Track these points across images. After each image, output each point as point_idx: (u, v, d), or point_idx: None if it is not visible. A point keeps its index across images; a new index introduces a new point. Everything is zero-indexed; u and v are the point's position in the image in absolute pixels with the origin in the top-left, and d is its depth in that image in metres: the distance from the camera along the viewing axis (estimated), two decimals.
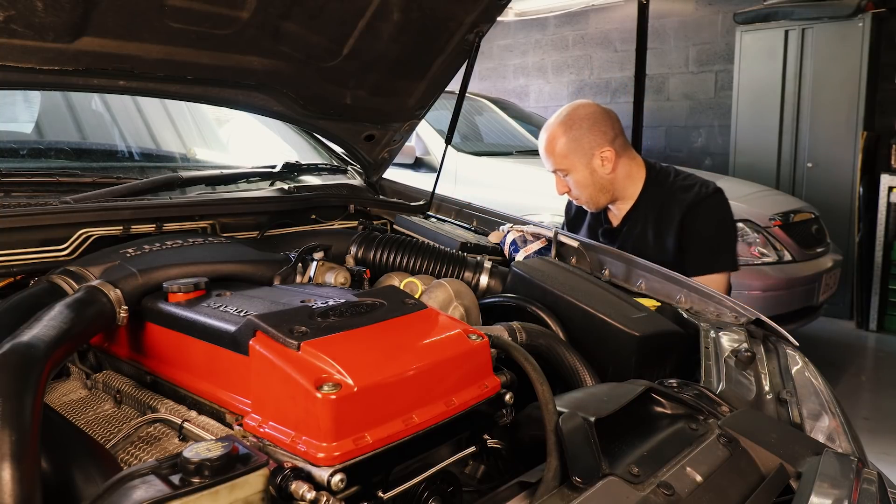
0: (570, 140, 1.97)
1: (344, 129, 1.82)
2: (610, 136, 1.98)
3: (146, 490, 0.58)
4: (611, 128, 2.00)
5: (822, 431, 1.09)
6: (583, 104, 2.05)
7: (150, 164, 1.87)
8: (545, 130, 2.04)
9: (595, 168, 1.98)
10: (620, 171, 2.00)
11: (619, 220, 2.09)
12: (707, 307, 1.38)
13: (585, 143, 1.97)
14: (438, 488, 0.80)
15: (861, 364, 4.55)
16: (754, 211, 3.82)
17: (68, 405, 1.03)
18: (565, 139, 1.98)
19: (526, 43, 7.51)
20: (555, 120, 2.03)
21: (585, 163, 1.98)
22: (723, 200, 2.01)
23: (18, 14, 1.06)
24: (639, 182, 2.03)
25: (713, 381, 1.10)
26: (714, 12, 6.21)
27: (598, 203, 2.06)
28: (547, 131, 2.03)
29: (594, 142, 1.97)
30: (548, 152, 2.02)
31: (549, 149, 2.02)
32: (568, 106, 2.05)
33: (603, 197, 2.04)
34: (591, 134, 1.97)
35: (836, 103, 5.18)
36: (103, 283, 0.99)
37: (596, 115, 2.00)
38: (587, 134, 1.97)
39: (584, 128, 1.97)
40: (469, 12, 1.57)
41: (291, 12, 1.36)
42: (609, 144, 1.97)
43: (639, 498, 0.76)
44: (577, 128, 1.98)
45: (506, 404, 0.91)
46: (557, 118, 2.02)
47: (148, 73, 1.32)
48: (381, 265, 1.44)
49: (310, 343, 0.76)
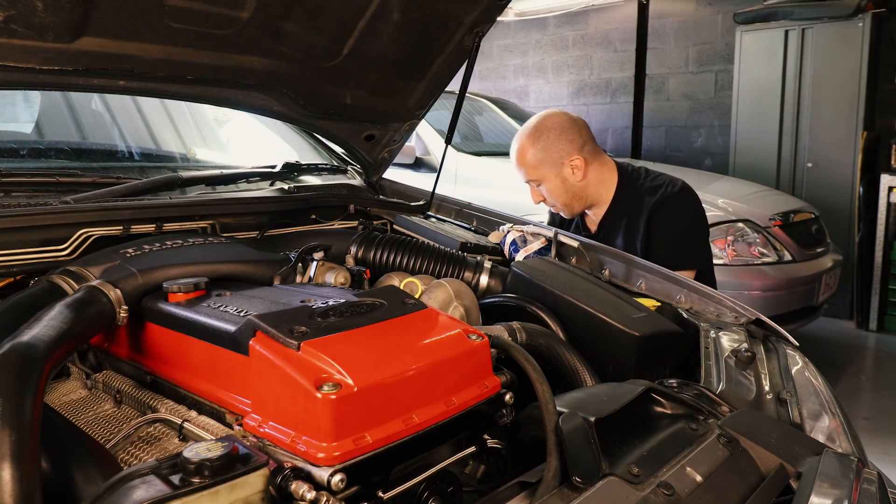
0: (539, 150, 1.99)
1: (344, 129, 1.82)
2: (578, 143, 1.99)
3: (146, 490, 0.58)
4: (578, 135, 2.00)
5: (822, 431, 1.09)
6: (550, 114, 2.06)
7: (150, 164, 1.87)
8: (515, 142, 2.05)
9: (566, 177, 2.00)
10: (592, 177, 2.02)
11: (595, 225, 2.11)
12: (707, 307, 1.38)
13: (554, 152, 1.98)
14: (438, 488, 0.80)
15: (861, 364, 4.55)
16: (754, 211, 3.82)
17: (68, 405, 1.03)
18: (534, 150, 1.99)
19: (526, 43, 7.51)
20: (523, 131, 2.04)
21: (556, 172, 2.00)
22: (688, 199, 2.01)
23: (18, 14, 1.06)
24: (611, 186, 2.05)
25: (713, 381, 1.10)
26: (714, 12, 6.21)
27: (573, 210, 2.08)
28: (517, 143, 2.04)
29: (563, 151, 1.98)
30: (519, 164, 2.04)
31: (519, 160, 2.03)
32: (536, 117, 2.07)
33: (577, 204, 2.06)
34: (559, 143, 1.98)
35: (836, 103, 5.18)
36: (103, 283, 0.99)
37: (563, 123, 2.01)
38: (555, 143, 1.98)
39: (551, 138, 1.99)
40: (469, 12, 1.57)
41: (291, 12, 1.36)
42: (578, 153, 1.99)
43: (639, 498, 0.76)
44: (545, 138, 1.99)
45: (506, 404, 0.91)
46: (526, 129, 2.03)
47: (148, 73, 1.32)
48: (381, 265, 1.44)
49: (310, 343, 0.76)
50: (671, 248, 1.94)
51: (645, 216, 1.96)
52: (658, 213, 1.95)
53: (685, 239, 1.98)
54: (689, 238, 2.00)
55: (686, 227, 1.99)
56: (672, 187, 1.99)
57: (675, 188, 1.99)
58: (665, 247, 1.94)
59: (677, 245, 1.96)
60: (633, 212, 2.00)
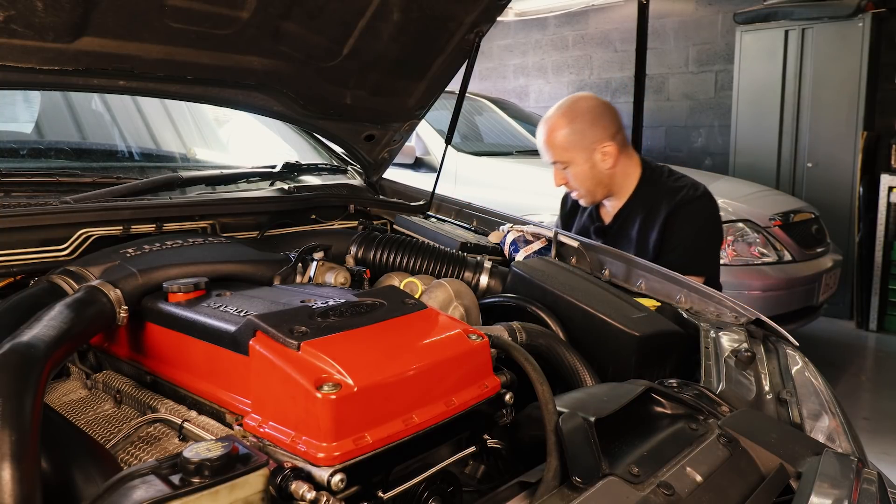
0: (572, 133, 1.95)
1: (344, 129, 1.82)
2: (611, 130, 1.97)
3: (146, 490, 0.58)
4: (612, 122, 1.98)
5: (822, 431, 1.09)
6: (584, 97, 2.03)
7: (150, 164, 1.87)
8: (545, 122, 2.01)
9: (595, 162, 1.97)
10: (619, 167, 1.99)
11: (611, 217, 2.08)
12: (707, 307, 1.38)
13: (587, 137, 1.95)
14: (438, 488, 0.80)
15: (861, 364, 4.55)
16: (754, 211, 3.82)
17: (68, 405, 1.03)
18: (567, 132, 1.95)
19: (526, 43, 7.51)
20: (556, 112, 2.00)
21: (586, 157, 1.96)
22: (709, 205, 2.00)
23: (18, 14, 1.06)
24: (634, 179, 2.02)
25: (713, 381, 1.10)
26: (714, 12, 6.21)
27: (594, 197, 2.05)
28: (547, 123, 2.00)
29: (596, 136, 1.95)
30: (548, 144, 2.00)
31: (549, 141, 1.99)
32: (569, 98, 2.03)
33: (600, 191, 2.03)
34: (593, 128, 1.95)
35: (836, 103, 5.18)
36: (103, 283, 0.99)
37: (598, 108, 1.98)
38: (590, 128, 1.95)
39: (586, 121, 1.95)
40: (469, 12, 1.57)
41: (291, 12, 1.36)
42: (610, 140, 1.96)
43: (639, 498, 0.76)
44: (580, 121, 1.95)
45: (506, 404, 0.91)
46: (558, 110, 1.99)
47: (148, 73, 1.32)
48: (381, 265, 1.44)
49: (310, 343, 0.76)
50: (686, 251, 1.92)
51: (664, 214, 1.94)
52: (678, 213, 1.94)
53: (701, 244, 1.97)
54: (704, 244, 1.99)
55: (703, 232, 1.98)
56: (694, 191, 1.98)
57: (696, 192, 1.98)
58: (681, 249, 1.92)
59: (693, 249, 1.94)
60: (652, 208, 1.97)
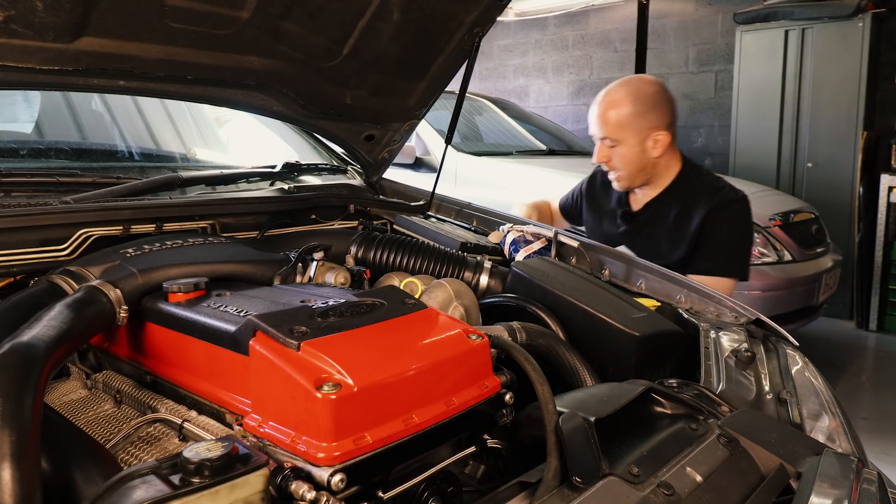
0: (632, 114, 1.92)
1: (344, 129, 1.82)
2: (668, 120, 1.96)
3: (146, 490, 0.58)
4: (670, 111, 1.97)
5: (822, 431, 1.09)
6: (650, 80, 2.01)
7: (150, 164, 1.87)
8: (606, 97, 1.98)
9: (646, 148, 1.95)
10: (664, 157, 1.98)
11: (641, 205, 2.06)
12: (707, 307, 1.38)
13: (645, 120, 1.93)
14: (438, 488, 0.80)
15: (861, 364, 4.55)
16: (754, 211, 3.78)
17: (68, 405, 1.03)
18: (627, 111, 1.93)
19: (526, 43, 7.51)
20: (619, 88, 1.97)
21: (638, 140, 1.94)
22: (747, 209, 2.00)
23: (18, 14, 1.06)
24: (673, 173, 2.02)
25: (713, 381, 1.10)
26: (714, 12, 6.21)
27: (632, 182, 2.02)
28: (607, 98, 1.97)
29: (653, 122, 1.93)
30: (602, 119, 1.96)
31: (605, 116, 1.96)
32: (634, 77, 2.01)
33: (640, 178, 2.01)
34: (653, 113, 1.93)
35: (836, 103, 5.18)
36: (103, 283, 0.99)
37: (661, 94, 1.97)
38: (650, 112, 1.93)
39: (648, 105, 1.93)
40: (469, 12, 1.57)
41: (291, 12, 1.36)
42: (666, 129, 1.95)
43: (639, 498, 0.76)
44: (642, 103, 1.93)
45: (506, 404, 0.91)
46: (623, 87, 1.96)
47: (148, 73, 1.32)
48: (381, 265, 1.44)
49: (310, 343, 0.76)
50: (723, 252, 1.92)
51: (704, 211, 1.92)
52: (720, 212, 1.93)
53: (737, 247, 1.97)
54: (740, 247, 1.99)
55: (743, 235, 1.98)
56: (734, 193, 1.98)
57: (737, 195, 1.98)
58: (720, 248, 1.92)
59: (730, 250, 1.94)
60: (691, 203, 1.96)
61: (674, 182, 2.01)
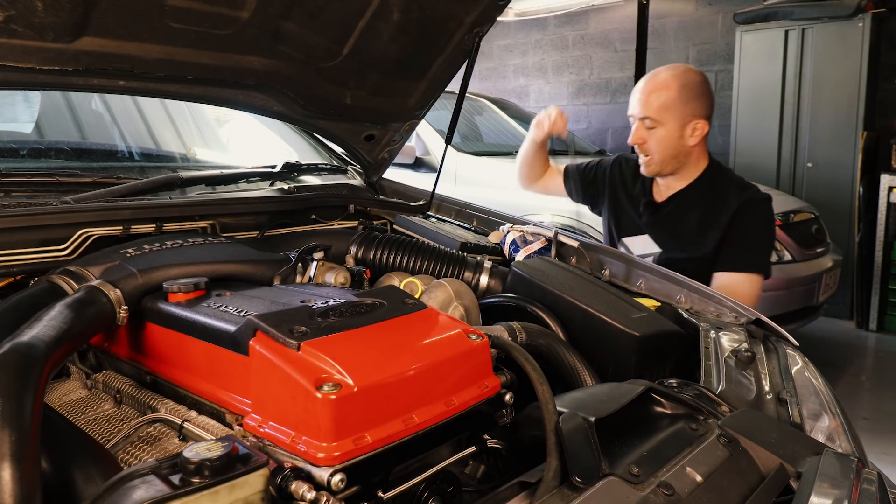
0: (676, 98, 1.95)
1: (344, 129, 1.82)
2: (708, 111, 1.99)
3: (146, 490, 0.58)
4: (711, 104, 2.00)
5: (822, 431, 1.09)
6: (696, 70, 2.05)
7: (150, 164, 1.87)
8: (654, 77, 2.00)
9: (684, 134, 1.97)
10: (697, 148, 2.00)
11: (664, 197, 2.07)
12: (707, 307, 1.38)
13: (689, 107, 1.95)
14: (438, 488, 0.80)
15: (861, 364, 4.55)
16: None
17: (68, 405, 1.03)
18: (672, 94, 1.95)
19: (526, 43, 7.51)
20: (668, 72, 1.99)
21: (679, 125, 1.96)
22: (772, 209, 2.02)
23: (18, 14, 1.06)
24: (701, 167, 2.04)
25: (713, 381, 1.10)
26: (714, 12, 6.22)
27: (662, 168, 2.03)
28: (655, 79, 1.99)
29: (695, 109, 1.96)
30: (647, 98, 1.97)
31: (650, 96, 1.97)
32: (681, 65, 2.05)
33: (672, 165, 2.02)
34: (697, 101, 1.96)
35: (836, 103, 5.18)
36: (103, 283, 0.99)
37: (706, 85, 2.00)
38: (694, 99, 1.96)
39: (694, 92, 1.96)
40: (469, 12, 1.57)
41: (291, 12, 1.36)
42: (705, 119, 1.98)
43: (639, 498, 0.76)
44: (688, 90, 1.96)
45: (506, 404, 0.91)
46: (671, 71, 2.00)
47: (148, 73, 1.32)
48: (381, 265, 1.44)
49: (310, 343, 0.76)
50: (753, 248, 1.94)
51: (734, 206, 1.94)
52: (750, 209, 1.95)
53: (764, 244, 2.00)
54: (766, 245, 2.02)
55: (768, 234, 2.01)
56: (761, 193, 2.00)
57: (764, 195, 2.00)
58: (749, 245, 1.93)
59: (759, 247, 1.96)
60: (720, 198, 1.98)
61: (701, 176, 2.03)
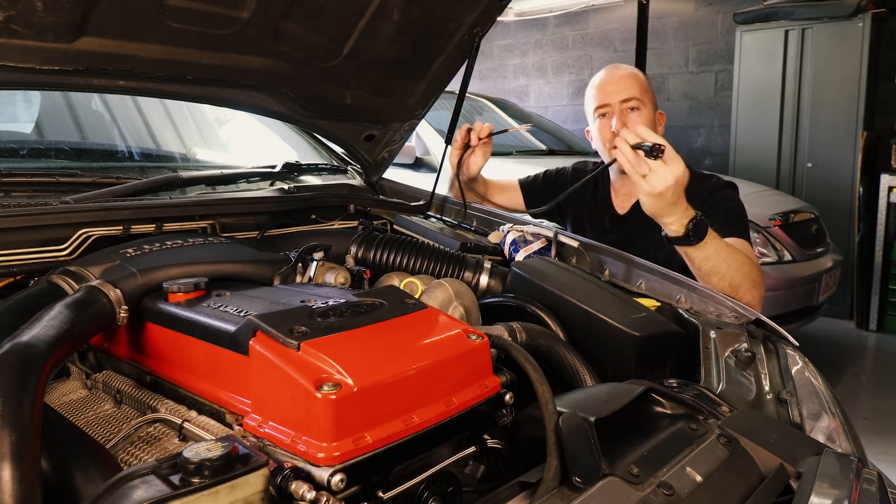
0: (647, 84, 2.00)
1: (344, 129, 1.82)
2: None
3: (146, 490, 0.58)
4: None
5: (822, 431, 1.09)
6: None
7: (150, 164, 1.87)
8: (616, 68, 2.04)
9: (655, 121, 2.01)
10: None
11: (626, 209, 2.06)
12: (707, 307, 1.38)
13: (653, 96, 2.02)
14: (438, 488, 0.80)
15: (861, 364, 4.56)
16: (754, 211, 3.80)
17: (68, 405, 1.03)
18: (644, 80, 2.00)
19: (526, 43, 7.51)
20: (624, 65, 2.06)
21: (653, 111, 2.00)
22: (737, 191, 2.01)
23: (18, 14, 1.06)
24: None
25: (713, 381, 1.10)
26: (714, 12, 6.22)
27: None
28: (619, 68, 2.03)
29: (656, 101, 2.02)
30: (630, 80, 1.97)
31: (628, 79, 1.97)
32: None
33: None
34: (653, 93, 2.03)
35: (836, 103, 5.19)
36: (103, 283, 0.99)
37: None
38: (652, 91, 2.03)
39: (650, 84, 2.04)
40: (469, 12, 1.57)
41: (291, 12, 1.36)
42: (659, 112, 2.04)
43: (639, 498, 0.76)
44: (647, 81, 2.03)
45: (506, 404, 0.91)
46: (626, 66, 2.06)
47: (148, 73, 1.32)
48: (381, 265, 1.44)
49: (310, 343, 0.76)
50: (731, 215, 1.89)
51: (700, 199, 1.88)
52: (714, 196, 1.93)
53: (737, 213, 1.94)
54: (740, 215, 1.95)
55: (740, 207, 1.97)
56: (721, 181, 2.00)
57: (723, 182, 2.00)
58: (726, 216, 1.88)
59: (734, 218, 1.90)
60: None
61: None
